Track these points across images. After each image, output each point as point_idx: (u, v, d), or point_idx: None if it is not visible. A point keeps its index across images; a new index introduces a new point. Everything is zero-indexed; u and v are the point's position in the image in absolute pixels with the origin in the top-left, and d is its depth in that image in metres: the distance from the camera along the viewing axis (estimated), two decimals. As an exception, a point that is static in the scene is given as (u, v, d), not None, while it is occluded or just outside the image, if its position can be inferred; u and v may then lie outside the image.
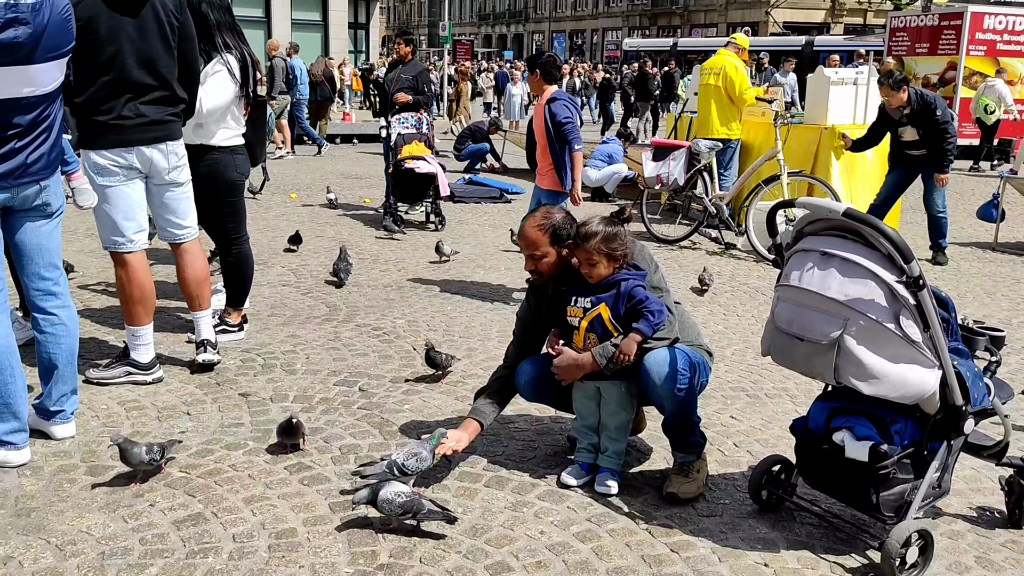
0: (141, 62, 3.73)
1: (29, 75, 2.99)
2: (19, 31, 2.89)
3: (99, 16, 3.61)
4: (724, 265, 7.11)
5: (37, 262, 3.28)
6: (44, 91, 3.08)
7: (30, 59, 2.97)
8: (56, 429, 3.38)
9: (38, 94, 3.05)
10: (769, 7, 46.75)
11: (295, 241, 7.01)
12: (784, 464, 3.05)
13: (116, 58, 3.67)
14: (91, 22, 3.59)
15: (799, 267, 2.65)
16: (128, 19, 3.68)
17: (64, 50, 3.12)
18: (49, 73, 3.07)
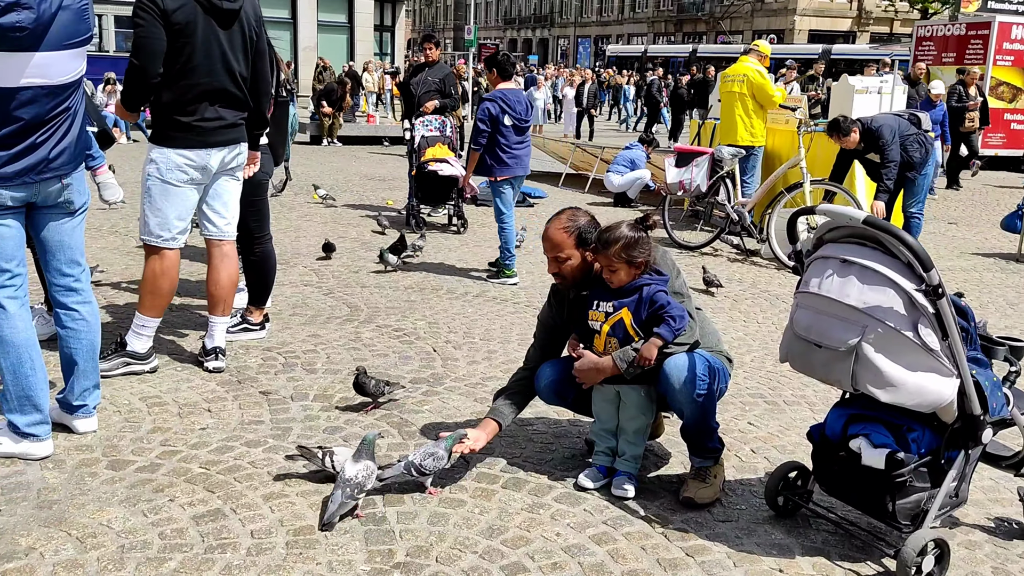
0: (227, 70, 3.89)
1: (36, 63, 2.97)
2: (21, 15, 2.88)
3: (196, 22, 3.75)
4: (745, 272, 7.08)
5: (59, 258, 3.33)
6: (56, 82, 3.06)
7: (36, 46, 2.96)
8: (79, 423, 3.43)
9: (48, 84, 3.04)
10: (795, 15, 46.52)
11: (328, 249, 6.82)
12: (801, 471, 3.05)
13: (205, 64, 3.81)
14: (188, 27, 3.73)
15: (818, 274, 2.65)
16: (221, 29, 3.84)
17: (78, 40, 3.10)
18: (61, 64, 3.06)
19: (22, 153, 3.04)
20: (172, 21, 3.69)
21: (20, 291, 3.18)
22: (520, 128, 6.37)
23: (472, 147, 6.34)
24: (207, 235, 4.24)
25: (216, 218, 4.19)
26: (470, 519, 2.92)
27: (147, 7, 3.67)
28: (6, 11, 2.86)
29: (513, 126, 6.30)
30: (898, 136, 6.82)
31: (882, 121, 6.87)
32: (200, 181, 4.01)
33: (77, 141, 3.24)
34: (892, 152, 6.80)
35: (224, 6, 3.84)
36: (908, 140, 6.91)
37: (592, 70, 29.50)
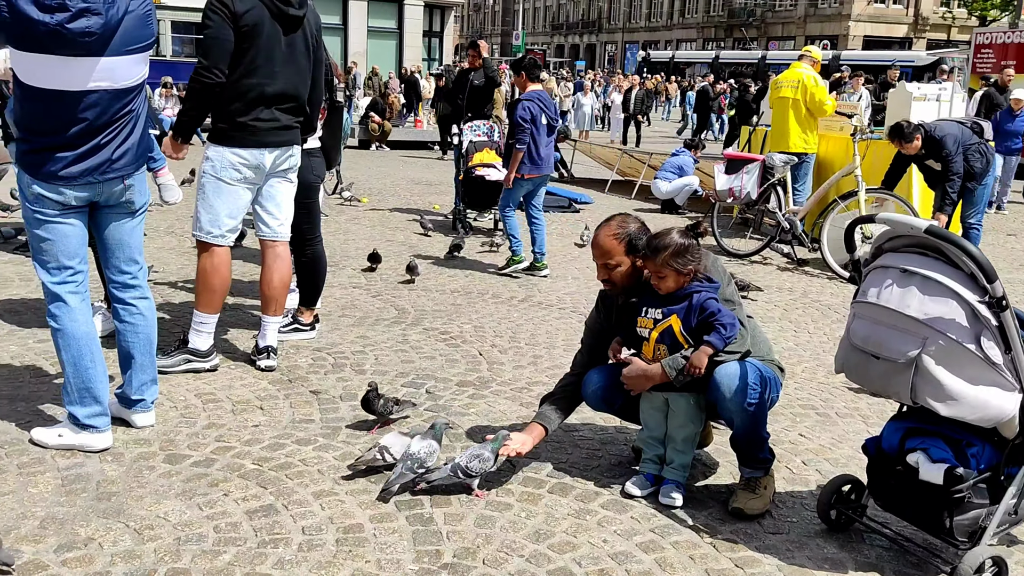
0: (286, 74, 3.98)
1: (102, 67, 3.07)
2: (91, 21, 2.98)
3: (263, 25, 3.85)
4: (796, 281, 6.99)
5: (118, 256, 3.42)
6: (121, 86, 3.15)
7: (103, 51, 3.05)
8: (137, 417, 3.51)
9: (113, 88, 3.13)
10: (849, 20, 45.80)
11: (374, 260, 6.59)
12: (855, 484, 2.99)
13: (267, 67, 3.90)
14: (256, 29, 3.83)
15: (877, 284, 2.60)
16: (286, 35, 3.94)
17: (142, 45, 3.20)
18: (126, 68, 3.15)
19: (87, 154, 3.14)
20: (241, 23, 3.79)
21: (81, 287, 3.28)
22: (552, 127, 6.69)
23: (516, 146, 6.50)
24: (261, 235, 4.31)
25: (270, 219, 4.26)
26: (517, 523, 2.93)
27: (218, 9, 3.76)
28: (76, 17, 2.95)
29: (547, 125, 6.62)
30: (961, 146, 6.65)
31: (946, 130, 6.70)
32: (253, 181, 4.08)
33: (139, 143, 3.33)
34: (956, 164, 6.63)
35: (290, 12, 3.92)
36: (970, 150, 6.74)
37: (640, 76, 29.36)
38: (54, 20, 2.93)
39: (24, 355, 4.30)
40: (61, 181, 3.12)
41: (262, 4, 3.84)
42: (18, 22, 2.91)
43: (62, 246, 3.21)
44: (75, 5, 2.95)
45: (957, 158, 6.63)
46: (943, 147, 6.62)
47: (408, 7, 27.94)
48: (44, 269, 3.23)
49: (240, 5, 3.78)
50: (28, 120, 3.12)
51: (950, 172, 6.65)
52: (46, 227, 3.18)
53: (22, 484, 3.01)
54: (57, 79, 3.02)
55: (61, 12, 2.93)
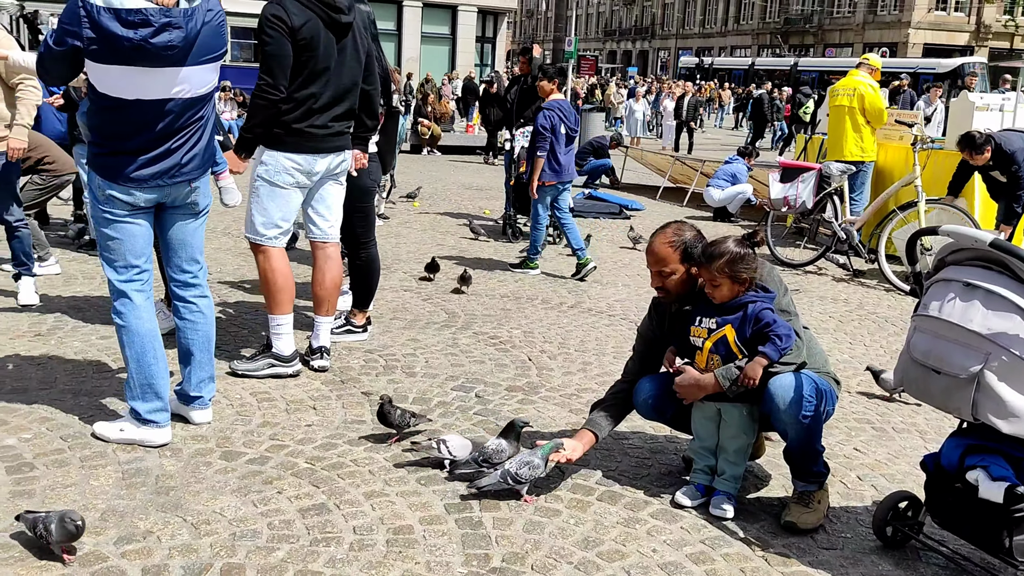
0: (341, 80, 4.06)
1: (181, 77, 3.19)
2: (173, 35, 3.09)
3: (319, 36, 3.92)
4: (852, 293, 6.87)
5: (180, 255, 3.51)
6: (196, 93, 3.27)
7: (182, 62, 3.17)
8: (195, 414, 3.60)
9: (189, 96, 3.25)
10: (909, 28, 44.89)
11: (432, 269, 6.41)
12: (911, 501, 2.93)
13: (324, 75, 3.98)
14: (312, 41, 3.90)
15: (939, 297, 2.55)
16: (338, 42, 4.01)
17: (216, 55, 3.31)
18: (201, 76, 3.26)
19: (158, 158, 3.24)
20: (299, 37, 3.85)
21: (146, 285, 3.38)
22: (571, 137, 6.95)
23: (538, 153, 6.75)
24: (312, 237, 4.38)
25: (321, 221, 4.32)
26: (565, 529, 2.93)
27: (275, 24, 3.82)
28: (160, 31, 3.06)
29: (566, 135, 6.88)
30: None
31: (1018, 144, 6.53)
32: (305, 185, 4.15)
33: (207, 148, 3.43)
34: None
35: (342, 20, 3.99)
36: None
37: (692, 82, 29.13)
38: (138, 35, 3.02)
39: (87, 351, 4.43)
40: (132, 183, 3.23)
41: (316, 16, 3.90)
42: (103, 39, 3.01)
43: (130, 245, 3.31)
44: (158, 20, 3.05)
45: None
46: (1013, 160, 6.46)
47: (462, 13, 28.16)
48: (111, 267, 3.33)
49: (296, 19, 3.84)
50: (104, 126, 3.23)
51: (1019, 185, 6.48)
52: (115, 227, 3.28)
53: (84, 477, 3.10)
54: (137, 89, 3.13)
55: (144, 27, 3.03)
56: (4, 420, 3.52)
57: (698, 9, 64.73)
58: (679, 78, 36.45)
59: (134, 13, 3.01)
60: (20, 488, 2.99)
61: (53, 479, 3.07)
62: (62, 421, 3.54)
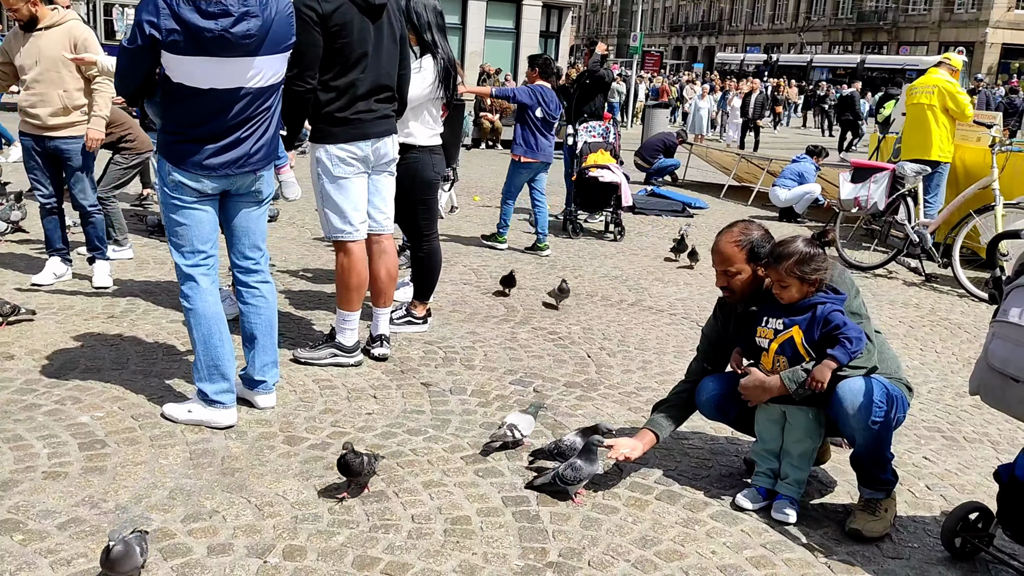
0: (380, 63, 4.01)
1: (258, 66, 3.24)
2: (251, 24, 3.14)
3: (353, 21, 3.87)
4: (923, 298, 6.67)
5: (244, 242, 3.58)
6: (267, 83, 3.32)
7: (258, 51, 3.21)
8: (259, 399, 3.67)
9: (261, 85, 3.30)
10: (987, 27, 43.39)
11: (508, 283, 5.87)
12: (982, 512, 2.83)
13: (362, 60, 3.94)
14: (346, 27, 3.85)
15: (1020, 304, 2.45)
16: (373, 24, 3.96)
17: (286, 45, 3.35)
18: (272, 65, 3.31)
19: (228, 147, 3.30)
20: (331, 24, 3.79)
21: (212, 270, 3.46)
22: (548, 123, 7.30)
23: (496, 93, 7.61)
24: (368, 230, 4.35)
25: (375, 212, 4.32)
26: (623, 527, 2.91)
27: (305, 14, 3.73)
28: (239, 21, 3.11)
29: (543, 119, 7.22)
30: None
31: None
32: (364, 171, 4.13)
33: (273, 139, 3.48)
34: None
35: (375, 2, 3.92)
36: None
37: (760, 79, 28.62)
38: (219, 26, 3.08)
39: (158, 334, 4.55)
40: (203, 171, 3.29)
41: (348, 0, 3.83)
42: (184, 30, 3.06)
43: (196, 231, 3.39)
44: (237, 10, 3.10)
45: None
46: None
47: (526, 7, 28.09)
48: (179, 252, 3.41)
49: (327, 6, 3.77)
50: (176, 114, 3.29)
51: None
52: (182, 212, 3.36)
53: (154, 456, 3.19)
54: (213, 79, 3.18)
55: (224, 17, 3.08)
56: (78, 398, 3.64)
57: (768, 4, 63.53)
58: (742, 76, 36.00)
59: (213, 3, 3.07)
60: (92, 464, 3.09)
61: (124, 456, 3.16)
62: (133, 401, 3.65)
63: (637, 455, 3.17)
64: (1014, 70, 41.17)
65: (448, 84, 4.70)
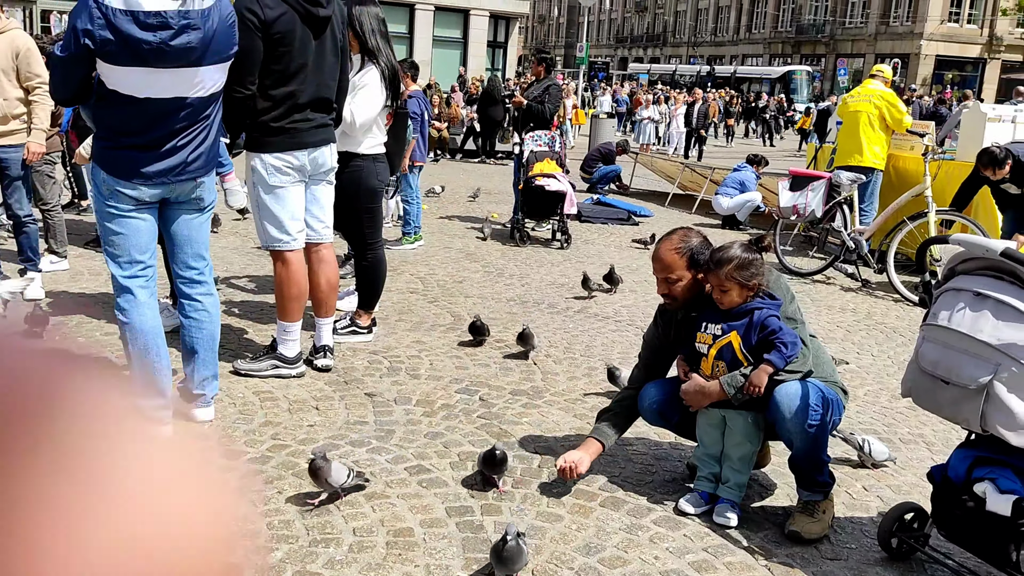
0: (320, 75, 3.97)
1: (198, 77, 3.18)
2: (191, 36, 3.08)
3: (295, 31, 3.82)
4: (860, 303, 6.82)
5: (186, 251, 3.50)
6: (208, 93, 3.27)
7: (200, 62, 3.16)
8: (197, 412, 3.58)
9: (203, 96, 3.24)
10: (922, 39, 44.80)
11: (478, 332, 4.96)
12: (917, 512, 2.90)
13: (302, 71, 3.88)
14: (288, 36, 3.79)
15: (949, 307, 2.52)
16: (315, 36, 3.92)
17: (228, 54, 3.30)
18: (213, 76, 3.26)
19: (165, 155, 3.23)
20: (272, 31, 3.74)
21: (150, 282, 3.37)
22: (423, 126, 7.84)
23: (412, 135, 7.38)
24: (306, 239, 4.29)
25: (313, 222, 4.26)
26: (567, 535, 2.90)
27: (247, 18, 3.66)
28: (179, 34, 3.04)
29: (422, 122, 7.77)
30: None
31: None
32: (301, 179, 4.07)
33: (212, 147, 3.41)
34: None
35: (320, 13, 3.88)
36: None
37: (703, 90, 29.14)
38: (157, 38, 2.99)
39: (91, 347, 4.43)
40: (138, 179, 3.21)
41: (292, 9, 3.79)
42: (120, 40, 2.97)
43: (134, 240, 3.30)
44: (176, 22, 3.02)
45: None
46: None
47: (474, 17, 28.19)
48: (115, 263, 3.32)
49: (270, 12, 3.72)
50: (111, 121, 3.21)
51: None
52: (119, 221, 3.27)
53: (86, 472, 3.09)
54: (150, 88, 3.10)
55: (163, 30, 3.00)
56: (7, 414, 3.51)
57: (710, 17, 64.73)
58: (683, 87, 36.88)
59: (152, 15, 2.99)
60: (20, 483, 2.98)
61: (54, 474, 3.05)
62: (64, 416, 3.53)
63: (585, 468, 3.16)
64: (947, 81, 42.57)
65: (393, 92, 4.68)
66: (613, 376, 4.22)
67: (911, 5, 46.00)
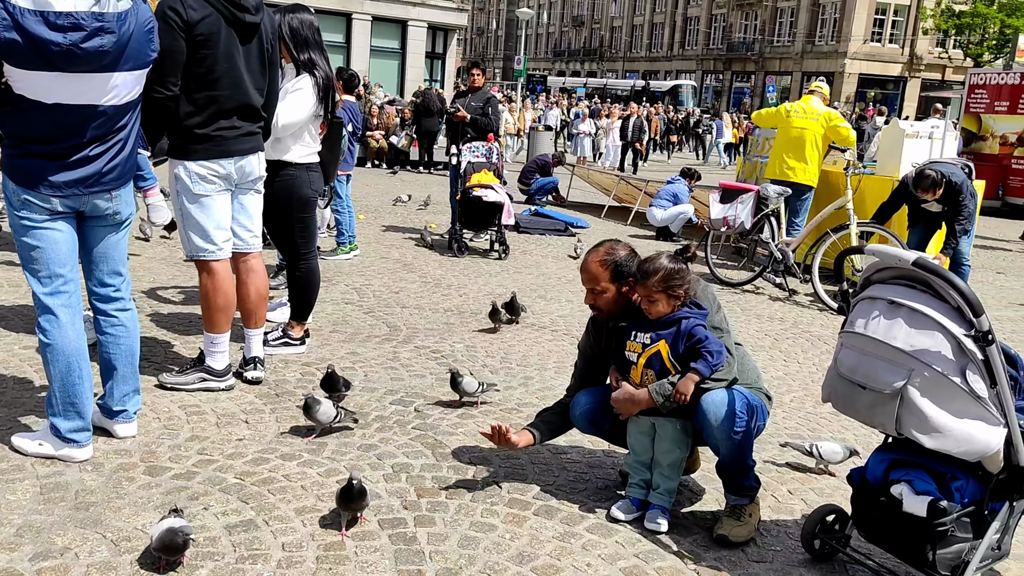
0: (245, 81, 3.87)
1: (111, 83, 3.06)
2: (105, 40, 2.95)
3: (219, 34, 3.72)
4: (787, 312, 7.01)
5: (102, 268, 3.37)
6: (123, 101, 3.15)
7: (113, 68, 3.04)
8: (118, 428, 3.48)
9: (117, 104, 3.12)
10: (845, 58, 46.32)
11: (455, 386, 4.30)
12: (839, 514, 2.98)
13: (226, 76, 3.79)
14: (211, 39, 3.70)
15: (865, 315, 2.61)
16: (241, 41, 3.83)
17: (145, 62, 3.19)
18: (128, 84, 3.14)
19: (76, 164, 3.10)
20: (195, 33, 3.65)
21: (73, 298, 3.22)
22: (354, 134, 7.81)
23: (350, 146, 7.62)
24: (233, 249, 4.18)
25: (241, 231, 4.18)
26: (501, 544, 2.91)
27: (170, 18, 3.59)
28: (91, 36, 2.91)
29: (352, 132, 7.66)
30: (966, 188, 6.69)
31: (961, 177, 6.64)
32: (227, 188, 3.99)
33: (128, 159, 3.29)
34: (968, 208, 6.66)
35: (247, 19, 3.81)
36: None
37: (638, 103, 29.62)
38: (67, 40, 2.87)
39: (9, 361, 4.27)
40: (48, 188, 3.09)
41: (217, 12, 3.71)
42: (28, 43, 2.84)
43: (52, 253, 3.17)
44: (89, 24, 2.90)
45: (970, 202, 6.66)
46: (960, 192, 6.60)
47: (412, 28, 28.13)
48: (35, 278, 3.18)
49: (194, 14, 3.64)
50: (20, 128, 3.06)
51: (961, 216, 6.64)
52: (34, 234, 3.14)
53: (0, 491, 2.98)
54: (59, 94, 2.98)
55: (75, 32, 2.88)
56: (-83, 432, 3.37)
57: (645, 33, 65.86)
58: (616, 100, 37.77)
59: (63, 16, 2.87)
60: (-70, 503, 2.86)
61: (-34, 494, 2.94)
62: (-21, 433, 3.41)
63: (515, 440, 3.21)
64: (870, 99, 44.05)
65: (327, 102, 4.64)
66: (455, 382, 4.07)
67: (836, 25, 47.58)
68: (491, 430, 3.20)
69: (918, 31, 43.32)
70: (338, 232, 7.78)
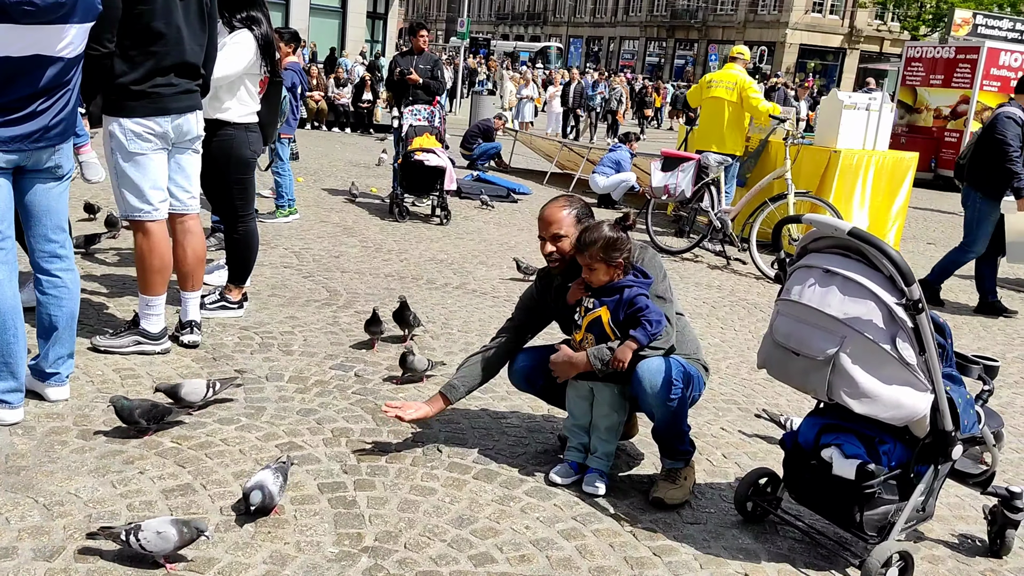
0: (184, 38, 3.77)
1: (63, 35, 2.99)
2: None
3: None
4: (725, 280, 7.13)
5: (45, 224, 3.28)
6: (74, 54, 3.09)
7: (68, 19, 2.98)
8: (51, 391, 3.39)
9: (69, 56, 3.06)
10: (787, 28, 46.89)
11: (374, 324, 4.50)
12: (771, 477, 3.07)
13: (164, 33, 3.68)
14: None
15: (800, 283, 2.67)
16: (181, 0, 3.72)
17: (94, 15, 3.13)
18: (79, 36, 3.09)
19: (23, 119, 3.03)
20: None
21: (9, 255, 3.13)
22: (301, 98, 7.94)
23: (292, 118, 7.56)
24: (170, 209, 4.09)
25: (179, 192, 4.08)
26: (440, 508, 2.93)
27: None
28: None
29: (301, 94, 7.85)
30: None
31: None
32: (164, 147, 3.89)
33: (72, 114, 3.22)
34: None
35: None
36: None
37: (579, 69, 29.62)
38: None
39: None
40: None
41: None
42: None
43: None
44: None
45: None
46: None
47: (352, -14, 27.52)
48: None
49: None
50: None
51: None
52: None
53: (-76, 456, 2.88)
54: (11, 47, 2.89)
55: None
56: None
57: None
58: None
59: None
60: None
61: None
62: (-101, 397, 3.27)
63: (412, 416, 3.18)
64: (810, 69, 44.77)
65: (268, 59, 4.53)
66: (405, 360, 4.00)
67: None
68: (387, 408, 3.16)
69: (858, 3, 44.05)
70: (278, 195, 7.64)
